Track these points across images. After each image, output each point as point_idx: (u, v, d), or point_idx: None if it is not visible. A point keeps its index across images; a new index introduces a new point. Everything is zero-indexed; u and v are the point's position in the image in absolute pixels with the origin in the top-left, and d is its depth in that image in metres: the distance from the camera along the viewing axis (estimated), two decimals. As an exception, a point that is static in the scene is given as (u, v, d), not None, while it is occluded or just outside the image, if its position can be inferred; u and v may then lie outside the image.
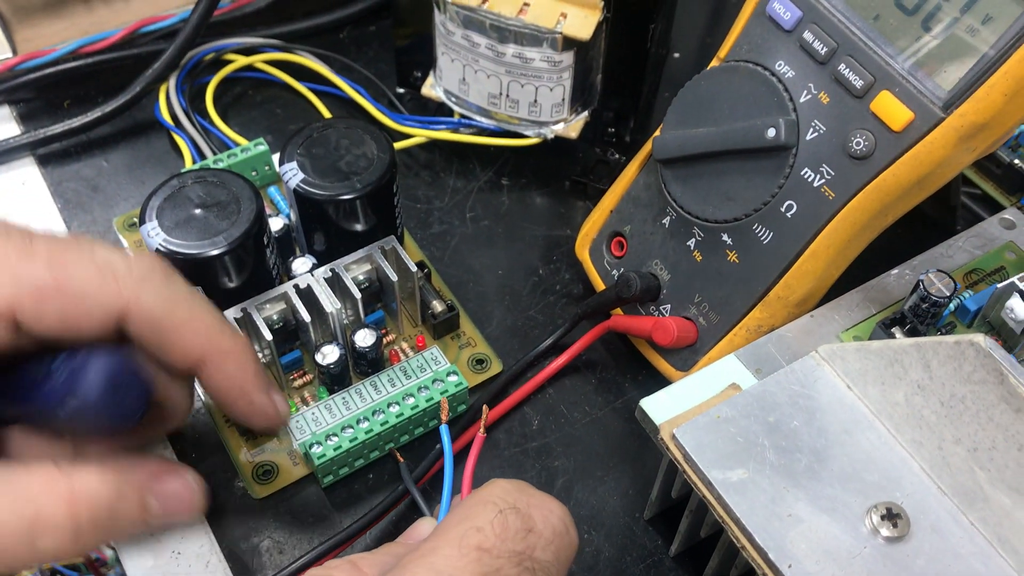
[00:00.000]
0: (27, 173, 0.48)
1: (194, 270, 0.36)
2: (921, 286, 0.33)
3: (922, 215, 0.39)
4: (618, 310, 0.41)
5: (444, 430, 0.35)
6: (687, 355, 0.39)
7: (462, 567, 0.25)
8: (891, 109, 0.32)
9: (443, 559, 0.25)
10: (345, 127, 0.40)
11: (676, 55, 0.54)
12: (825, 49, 0.34)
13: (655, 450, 0.39)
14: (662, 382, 0.39)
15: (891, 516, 0.29)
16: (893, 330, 0.34)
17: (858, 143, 0.33)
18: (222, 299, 0.37)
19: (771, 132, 0.35)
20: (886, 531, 0.29)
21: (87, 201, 0.47)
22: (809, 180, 0.35)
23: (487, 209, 0.47)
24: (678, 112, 0.38)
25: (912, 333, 0.34)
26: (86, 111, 0.48)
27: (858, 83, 0.33)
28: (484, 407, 0.34)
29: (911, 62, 0.32)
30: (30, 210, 0.46)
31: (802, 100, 0.35)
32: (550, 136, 0.46)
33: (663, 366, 0.40)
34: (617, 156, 0.48)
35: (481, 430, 0.36)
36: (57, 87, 0.51)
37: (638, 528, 0.37)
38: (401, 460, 0.37)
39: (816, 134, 0.34)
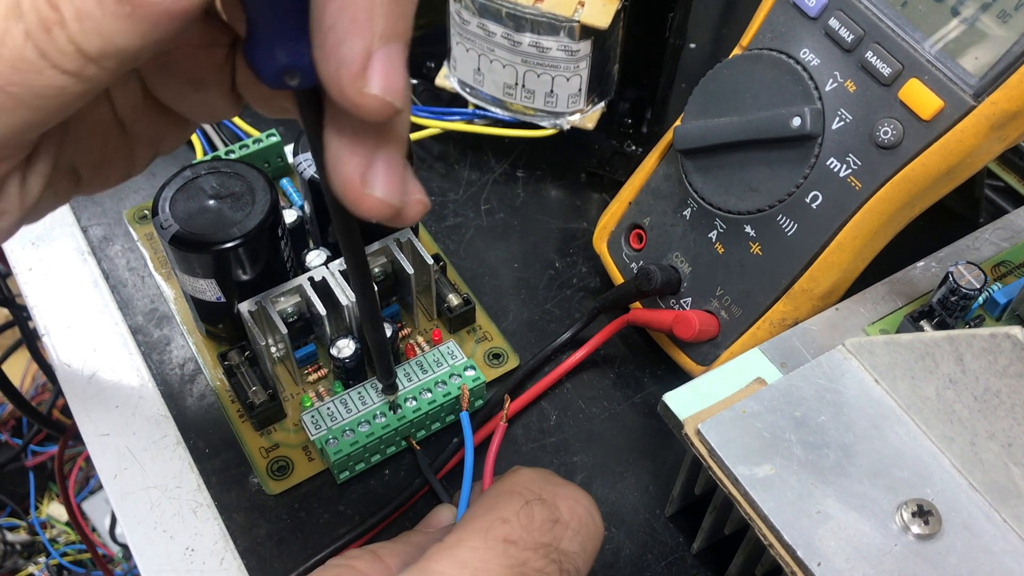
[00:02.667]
0: (36, 165, 0.47)
1: (207, 262, 0.36)
2: (951, 278, 0.32)
3: (944, 207, 0.39)
4: (637, 304, 0.40)
5: (465, 417, 0.35)
6: (708, 349, 0.38)
7: (488, 559, 0.24)
8: (920, 97, 0.32)
9: (469, 551, 0.25)
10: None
11: (692, 45, 0.53)
12: (851, 36, 0.33)
13: (675, 446, 0.39)
14: (682, 377, 0.39)
15: (922, 513, 0.28)
16: (921, 323, 0.33)
17: (886, 132, 0.33)
18: (235, 292, 0.37)
19: (796, 121, 0.34)
20: (917, 528, 0.28)
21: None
22: (835, 170, 0.34)
23: (502, 201, 0.47)
24: (700, 102, 0.37)
25: (941, 326, 0.33)
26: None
27: (886, 71, 0.32)
28: (506, 396, 0.34)
29: (940, 49, 0.32)
30: (39, 202, 0.46)
31: (828, 89, 0.34)
32: (566, 127, 0.45)
33: (683, 360, 0.39)
34: (634, 147, 0.48)
35: (503, 419, 0.36)
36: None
37: (659, 525, 0.36)
38: (417, 448, 0.37)
39: (842, 123, 0.34)
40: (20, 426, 1.10)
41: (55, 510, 1.07)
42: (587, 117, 0.45)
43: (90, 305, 0.42)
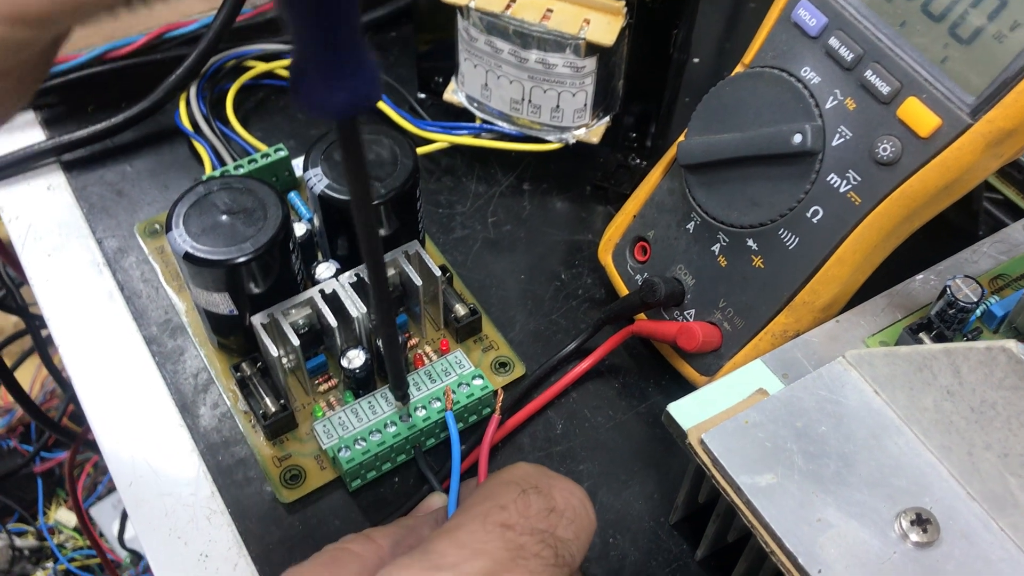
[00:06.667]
0: (52, 178, 0.48)
1: (221, 277, 0.36)
2: (948, 291, 0.33)
3: (944, 221, 0.39)
4: (641, 315, 0.41)
5: (450, 416, 0.37)
6: (711, 360, 0.39)
7: (486, 542, 0.25)
8: (918, 115, 0.32)
9: (468, 534, 0.26)
10: (368, 132, 0.41)
11: (696, 60, 0.54)
12: (851, 55, 0.34)
13: (679, 455, 0.39)
14: (685, 387, 0.40)
15: (921, 521, 0.29)
16: (920, 335, 0.34)
17: (885, 149, 0.33)
18: (248, 305, 0.38)
19: (797, 138, 0.35)
20: (916, 536, 0.29)
21: (111, 206, 0.47)
22: (835, 186, 0.35)
23: (509, 214, 0.47)
24: (703, 118, 0.38)
25: (939, 338, 0.34)
26: (109, 116, 0.48)
27: (884, 89, 0.33)
28: (499, 390, 0.35)
29: (938, 68, 0.32)
30: (55, 215, 0.47)
31: (828, 106, 0.35)
32: (572, 141, 0.46)
33: (687, 371, 0.40)
34: (638, 161, 0.49)
35: (496, 411, 0.37)
36: (81, 92, 0.51)
37: (663, 532, 0.37)
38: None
39: (842, 140, 0.34)
40: (28, 432, 1.10)
41: (63, 516, 1.07)
42: (592, 131, 0.46)
43: (105, 316, 0.43)
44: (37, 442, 1.05)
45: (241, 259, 0.36)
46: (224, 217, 0.37)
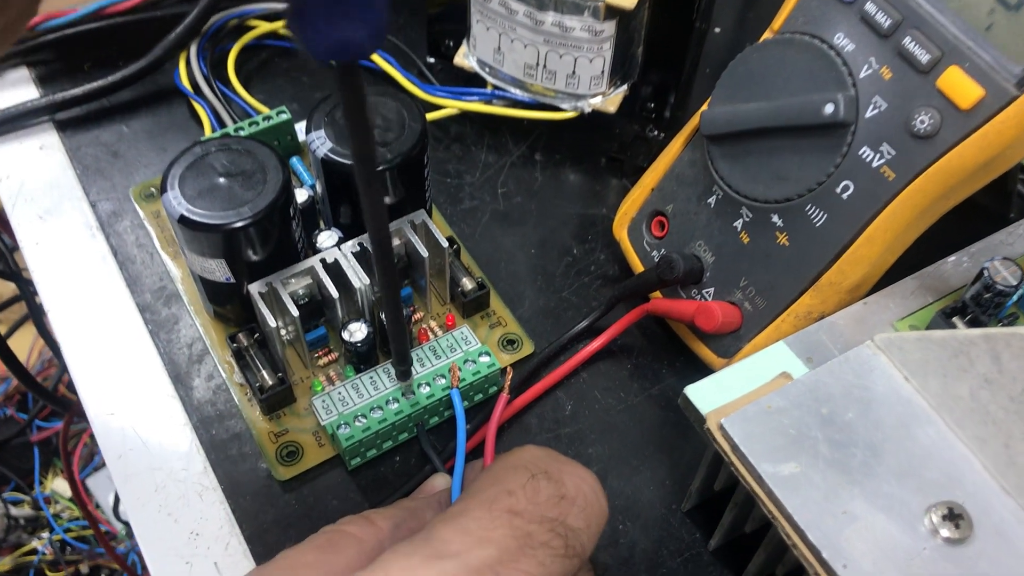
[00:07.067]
0: (46, 138, 0.46)
1: (217, 242, 0.35)
2: (986, 274, 0.31)
3: (972, 201, 0.38)
4: (657, 293, 0.39)
5: (455, 393, 0.35)
6: (730, 341, 0.37)
7: (492, 530, 0.24)
8: (959, 86, 0.31)
9: (473, 521, 0.24)
10: (375, 95, 0.39)
11: (717, 30, 0.52)
12: (889, 21, 0.32)
13: (693, 440, 0.38)
14: (701, 369, 0.38)
15: (953, 516, 0.27)
16: (954, 320, 0.32)
17: (922, 121, 0.31)
18: (245, 272, 0.36)
19: (829, 108, 0.33)
20: (947, 532, 0.27)
21: (107, 167, 0.45)
22: (868, 160, 0.33)
23: (519, 185, 0.46)
24: (728, 86, 0.36)
25: (973, 323, 0.32)
26: (106, 74, 0.46)
27: (924, 58, 0.31)
28: (508, 368, 0.33)
29: (982, 36, 0.30)
30: (48, 175, 0.45)
31: (862, 75, 0.33)
32: (587, 110, 0.44)
33: (704, 352, 0.38)
34: (656, 133, 0.47)
35: (505, 390, 0.35)
36: (77, 49, 0.49)
37: (675, 520, 0.36)
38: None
39: (876, 111, 0.33)
40: (25, 400, 1.09)
41: (59, 486, 1.07)
42: (609, 100, 0.44)
43: (98, 281, 0.41)
44: (32, 411, 1.04)
45: (239, 224, 0.34)
46: (222, 180, 0.35)
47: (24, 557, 1.05)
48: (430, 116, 0.46)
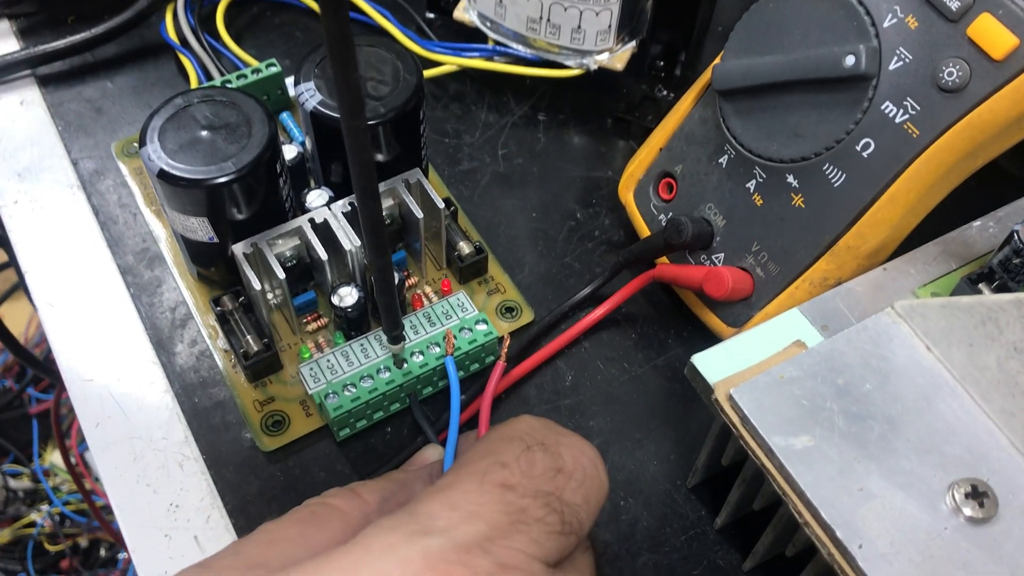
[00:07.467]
0: (26, 92, 0.45)
1: (199, 198, 0.33)
2: (1016, 238, 0.29)
3: (995, 166, 0.36)
4: (664, 258, 0.37)
5: (449, 361, 0.34)
6: (740, 309, 0.35)
7: (483, 504, 0.22)
8: (992, 34, 0.28)
9: (462, 494, 0.23)
10: (368, 45, 0.37)
11: (730, -14, 0.50)
12: (916, -34, 0.30)
13: (700, 413, 0.36)
14: (710, 339, 0.36)
15: (976, 494, 0.26)
16: (980, 286, 0.30)
17: (950, 73, 0.29)
18: (230, 231, 0.34)
19: (849, 60, 0.31)
20: (970, 511, 0.25)
21: (90, 124, 0.43)
22: (891, 115, 0.31)
23: (521, 146, 0.44)
24: (742, 38, 0.34)
25: (1001, 290, 0.30)
26: (90, 27, 0.44)
27: (953, 4, 0.29)
28: (505, 336, 0.32)
29: (1017, -20, 0.28)
30: (28, 131, 0.43)
31: (886, 25, 0.31)
32: (593, 67, 0.42)
33: (713, 321, 0.36)
34: (665, 92, 0.45)
35: (502, 358, 0.34)
36: (60, 1, 0.47)
37: (680, 496, 0.34)
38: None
39: (901, 63, 0.30)
40: (24, 372, 1.08)
41: (58, 458, 1.06)
42: (616, 57, 0.42)
43: (78, 242, 0.39)
44: (24, 381, 1.03)
45: (221, 179, 0.32)
46: (204, 133, 0.33)
47: (23, 530, 1.04)
48: (428, 73, 0.44)
